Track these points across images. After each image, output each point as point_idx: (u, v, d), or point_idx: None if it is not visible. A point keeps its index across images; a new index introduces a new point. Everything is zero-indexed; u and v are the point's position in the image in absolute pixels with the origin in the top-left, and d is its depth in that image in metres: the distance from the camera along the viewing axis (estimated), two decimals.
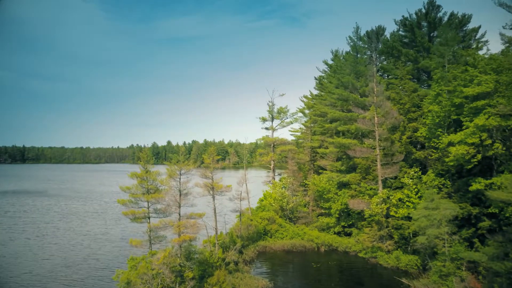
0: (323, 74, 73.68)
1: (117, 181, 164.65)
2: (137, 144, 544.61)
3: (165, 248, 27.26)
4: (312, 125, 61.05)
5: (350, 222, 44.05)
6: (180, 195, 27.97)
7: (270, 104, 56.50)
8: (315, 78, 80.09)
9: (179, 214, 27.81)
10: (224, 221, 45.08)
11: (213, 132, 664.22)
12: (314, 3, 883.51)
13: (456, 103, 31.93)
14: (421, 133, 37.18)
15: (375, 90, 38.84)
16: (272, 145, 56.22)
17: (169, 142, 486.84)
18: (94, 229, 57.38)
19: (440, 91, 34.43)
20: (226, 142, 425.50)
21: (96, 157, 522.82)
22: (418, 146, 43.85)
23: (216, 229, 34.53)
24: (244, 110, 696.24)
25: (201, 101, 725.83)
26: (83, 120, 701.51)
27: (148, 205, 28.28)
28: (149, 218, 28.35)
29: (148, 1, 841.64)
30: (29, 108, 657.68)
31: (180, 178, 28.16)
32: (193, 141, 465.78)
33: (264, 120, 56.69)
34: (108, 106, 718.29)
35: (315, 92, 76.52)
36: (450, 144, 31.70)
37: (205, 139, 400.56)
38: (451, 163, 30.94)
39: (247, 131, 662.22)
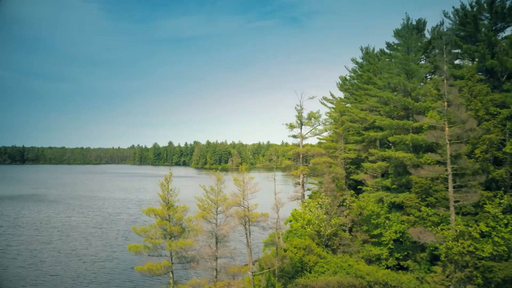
0: (350, 74, 66.29)
1: (119, 185, 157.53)
2: (138, 145, 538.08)
3: None
4: (342, 132, 53.64)
5: (405, 253, 36.68)
6: (216, 243, 20.66)
7: (299, 108, 48.95)
8: (346, 79, 72.64)
9: (216, 270, 20.51)
10: (257, 252, 37.91)
11: (215, 132, 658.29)
12: (314, 3, 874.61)
13: None
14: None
15: (445, 93, 31.35)
16: (301, 156, 48.76)
17: (170, 143, 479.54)
18: (100, 253, 50.03)
19: None
20: (228, 142, 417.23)
21: (96, 157, 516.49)
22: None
23: (253, 273, 27.20)
24: (245, 110, 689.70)
25: (202, 100, 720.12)
26: (84, 120, 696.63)
27: (171, 255, 20.94)
28: (172, 272, 21.00)
29: (148, 1, 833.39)
30: (29, 108, 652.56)
31: (216, 219, 20.81)
32: (195, 142, 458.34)
33: (292, 127, 49.09)
34: (108, 106, 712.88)
35: (338, 93, 69.21)
36: None
37: (207, 140, 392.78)
38: None
39: (249, 131, 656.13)
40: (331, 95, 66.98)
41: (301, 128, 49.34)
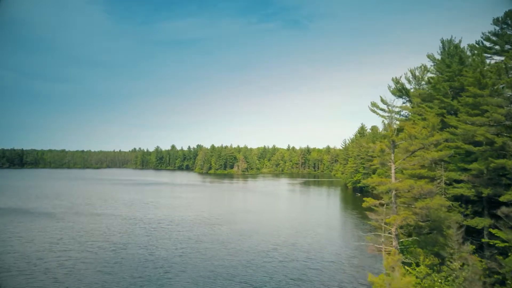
0: (429, 75, 52.29)
1: (123, 198, 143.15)
2: (140, 148, 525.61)
3: None
4: (438, 157, 39.42)
5: None
6: None
7: (389, 120, 34.79)
8: (398, 81, 59.29)
9: None
10: None
11: (216, 134, 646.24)
12: (315, 6, 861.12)
13: None
14: None
15: None
16: (393, 193, 34.46)
17: (173, 147, 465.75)
18: None
19: None
20: (232, 145, 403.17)
21: (97, 161, 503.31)
22: None
23: None
24: (247, 111, 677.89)
25: (203, 101, 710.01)
26: (84, 122, 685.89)
27: None
28: None
29: (151, 3, 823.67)
30: (29, 109, 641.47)
31: None
32: (198, 146, 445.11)
33: (382, 150, 34.85)
34: (109, 108, 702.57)
35: (389, 97, 55.04)
36: None
37: (212, 145, 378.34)
38: None
39: (252, 133, 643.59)
40: (382, 100, 53.17)
41: (393, 152, 34.99)
